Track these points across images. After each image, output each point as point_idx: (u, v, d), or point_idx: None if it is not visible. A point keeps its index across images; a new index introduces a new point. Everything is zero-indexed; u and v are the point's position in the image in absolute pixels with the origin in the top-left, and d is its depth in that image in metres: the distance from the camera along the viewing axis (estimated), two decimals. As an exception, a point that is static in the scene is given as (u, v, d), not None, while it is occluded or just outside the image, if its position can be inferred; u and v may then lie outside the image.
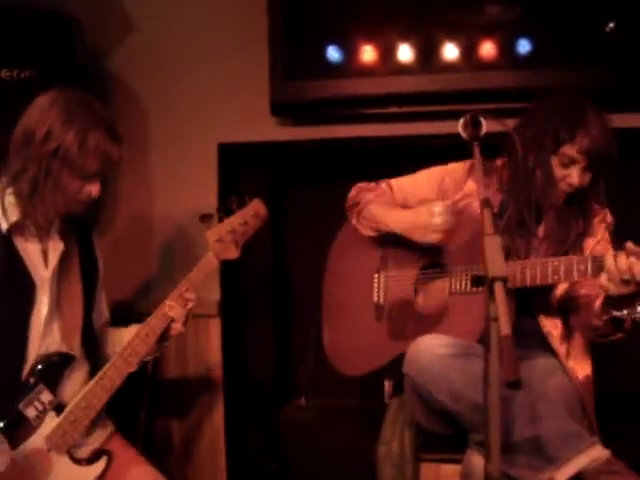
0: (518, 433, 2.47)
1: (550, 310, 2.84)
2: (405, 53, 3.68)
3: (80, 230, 2.81)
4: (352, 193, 3.13)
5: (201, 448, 3.93)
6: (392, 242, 3.00)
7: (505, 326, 1.89)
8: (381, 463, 2.91)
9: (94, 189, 2.63)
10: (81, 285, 2.76)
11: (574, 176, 2.79)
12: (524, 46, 3.61)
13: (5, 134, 2.62)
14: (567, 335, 2.85)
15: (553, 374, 2.73)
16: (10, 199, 2.60)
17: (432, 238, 2.82)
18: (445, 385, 2.60)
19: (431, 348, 2.65)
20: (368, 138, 3.87)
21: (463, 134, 2.66)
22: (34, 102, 2.62)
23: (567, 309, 2.85)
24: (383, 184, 3.11)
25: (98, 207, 3.81)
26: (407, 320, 2.93)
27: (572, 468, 2.43)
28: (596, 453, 2.45)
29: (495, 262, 2.04)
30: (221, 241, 2.79)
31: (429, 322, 2.85)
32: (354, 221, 3.10)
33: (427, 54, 3.68)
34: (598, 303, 2.63)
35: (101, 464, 2.66)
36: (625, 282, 2.43)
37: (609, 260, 2.44)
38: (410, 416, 2.94)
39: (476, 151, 2.52)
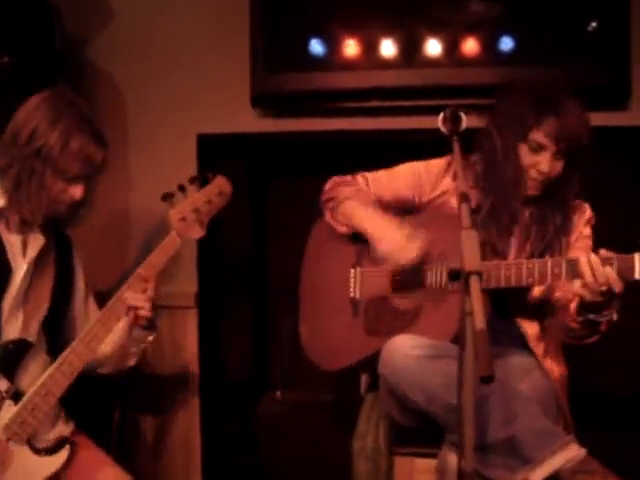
0: (493, 433, 2.47)
1: (527, 311, 2.84)
2: (388, 48, 3.67)
3: (60, 241, 2.84)
4: (327, 187, 3.10)
5: (176, 441, 3.90)
6: (368, 237, 2.99)
7: (480, 320, 1.89)
8: (356, 457, 2.92)
9: (77, 191, 2.65)
10: (52, 282, 2.77)
11: (544, 162, 2.76)
12: (507, 43, 3.61)
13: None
14: (544, 335, 2.85)
15: (529, 373, 2.74)
16: None
17: (400, 260, 2.80)
18: (419, 386, 2.60)
19: (405, 349, 2.64)
20: (349, 131, 3.85)
21: (443, 129, 2.66)
22: (26, 102, 2.66)
23: (543, 310, 2.85)
24: (359, 177, 3.08)
25: (79, 207, 3.80)
26: (383, 316, 2.91)
27: (547, 468, 2.43)
28: (571, 453, 2.45)
29: (471, 256, 2.04)
30: (184, 220, 2.77)
31: (405, 319, 2.84)
32: (328, 216, 3.06)
33: (410, 49, 3.67)
34: (573, 306, 2.63)
35: (63, 454, 2.62)
36: (601, 292, 2.44)
37: (585, 269, 2.44)
38: (385, 410, 2.93)
39: (455, 146, 2.52)
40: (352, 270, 3.02)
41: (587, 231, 2.91)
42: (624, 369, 3.85)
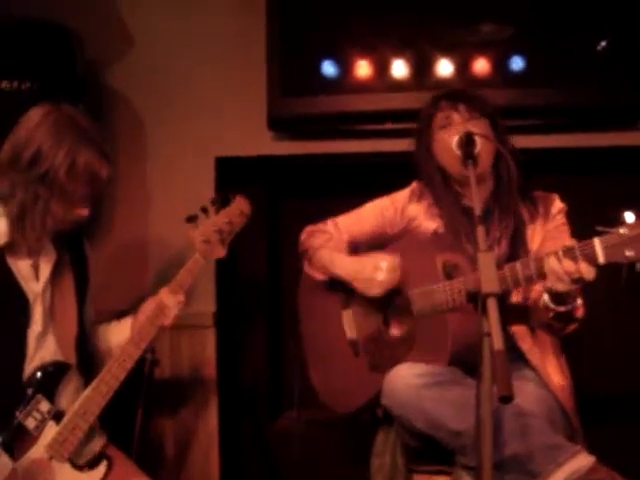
0: (500, 450, 2.46)
1: (512, 320, 2.83)
2: (399, 69, 3.73)
3: (72, 243, 2.82)
4: (302, 237, 3.15)
5: (195, 458, 3.93)
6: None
7: (498, 341, 1.93)
8: (374, 475, 2.92)
9: (84, 211, 2.64)
10: (74, 293, 2.78)
11: (455, 122, 2.84)
12: (517, 63, 3.66)
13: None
14: (537, 342, 2.85)
15: (529, 386, 2.71)
16: (1, 219, 2.59)
17: (373, 292, 2.84)
18: (422, 415, 2.61)
19: (405, 379, 2.66)
20: (363, 154, 3.91)
21: (457, 152, 2.72)
22: (22, 119, 2.60)
23: (527, 316, 2.85)
24: (329, 224, 3.13)
25: (95, 219, 3.84)
26: (382, 350, 2.92)
27: None
28: (577, 463, 2.45)
29: (488, 278, 2.08)
30: (208, 242, 2.81)
31: (401, 349, 2.83)
32: (306, 267, 3.12)
33: (422, 70, 3.72)
34: (541, 301, 2.65)
35: (102, 468, 2.68)
36: (572, 281, 2.45)
37: (554, 263, 2.44)
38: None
39: (471, 170, 2.58)
40: (343, 312, 3.04)
41: (560, 220, 2.91)
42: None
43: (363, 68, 3.74)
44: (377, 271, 2.81)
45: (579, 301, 2.62)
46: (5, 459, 2.55)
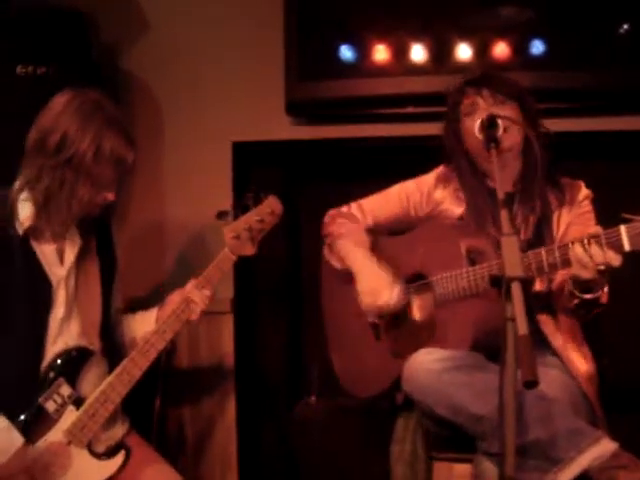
0: (523, 436, 2.45)
1: (537, 306, 2.82)
2: (418, 53, 3.70)
3: (98, 229, 2.82)
4: (325, 220, 3.17)
5: (213, 445, 3.94)
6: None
7: (522, 326, 1.91)
8: (394, 462, 2.92)
9: (110, 195, 2.65)
10: (99, 279, 2.77)
11: (481, 108, 2.82)
12: (537, 47, 3.62)
13: (21, 130, 2.60)
14: (560, 328, 2.83)
15: (551, 372, 2.69)
16: (25, 203, 2.59)
17: (371, 311, 2.90)
18: (444, 400, 2.60)
19: (425, 364, 2.65)
20: (381, 138, 3.89)
21: (479, 136, 2.70)
22: (48, 104, 2.60)
23: (551, 302, 2.84)
24: (354, 206, 3.13)
25: (112, 204, 3.83)
26: (403, 335, 2.93)
27: (575, 468, 2.42)
28: (600, 449, 2.43)
29: (512, 262, 2.06)
30: (238, 238, 2.82)
31: (423, 335, 2.84)
32: (326, 252, 3.14)
33: (440, 54, 3.69)
34: (567, 288, 2.63)
35: (119, 458, 2.67)
36: (599, 270, 2.44)
37: (579, 251, 2.43)
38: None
39: (493, 153, 2.55)
40: None
41: (585, 207, 2.90)
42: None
43: (381, 52, 3.72)
44: (388, 293, 2.84)
45: (606, 288, 2.60)
46: (16, 434, 2.54)
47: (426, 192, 3.03)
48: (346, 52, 3.73)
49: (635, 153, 3.80)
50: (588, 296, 2.57)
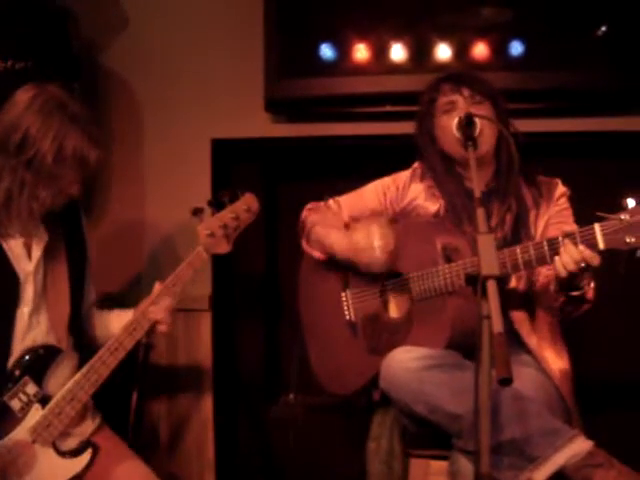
0: (498, 434, 2.46)
1: (513, 304, 2.83)
2: (398, 52, 3.70)
3: (66, 211, 2.74)
4: (302, 215, 3.15)
5: (189, 442, 3.93)
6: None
7: (497, 324, 1.93)
8: (370, 459, 2.91)
9: (74, 190, 2.61)
10: (68, 274, 2.74)
11: (460, 107, 2.83)
12: (517, 48, 3.63)
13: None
14: (534, 326, 2.85)
15: (527, 371, 2.71)
16: None
17: (375, 262, 2.79)
18: (421, 398, 2.61)
19: (403, 362, 2.66)
20: (360, 136, 3.89)
21: (457, 134, 2.71)
22: (10, 100, 2.55)
23: (528, 300, 2.86)
24: (331, 202, 3.14)
25: (90, 201, 3.82)
26: (380, 333, 2.92)
27: (551, 466, 2.44)
28: (575, 448, 2.45)
29: (487, 260, 2.07)
30: (212, 235, 2.76)
31: (400, 333, 2.83)
32: (304, 244, 3.10)
33: (420, 54, 3.69)
34: (552, 287, 2.64)
35: (85, 456, 2.65)
36: (579, 267, 2.43)
37: (569, 246, 2.43)
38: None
39: (470, 152, 2.57)
40: (342, 294, 3.03)
41: (563, 205, 2.91)
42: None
43: (361, 51, 3.72)
44: (373, 239, 2.78)
45: (592, 284, 2.61)
46: None
47: (402, 187, 3.04)
48: (326, 50, 3.73)
49: (613, 152, 3.83)
50: (575, 293, 2.58)
